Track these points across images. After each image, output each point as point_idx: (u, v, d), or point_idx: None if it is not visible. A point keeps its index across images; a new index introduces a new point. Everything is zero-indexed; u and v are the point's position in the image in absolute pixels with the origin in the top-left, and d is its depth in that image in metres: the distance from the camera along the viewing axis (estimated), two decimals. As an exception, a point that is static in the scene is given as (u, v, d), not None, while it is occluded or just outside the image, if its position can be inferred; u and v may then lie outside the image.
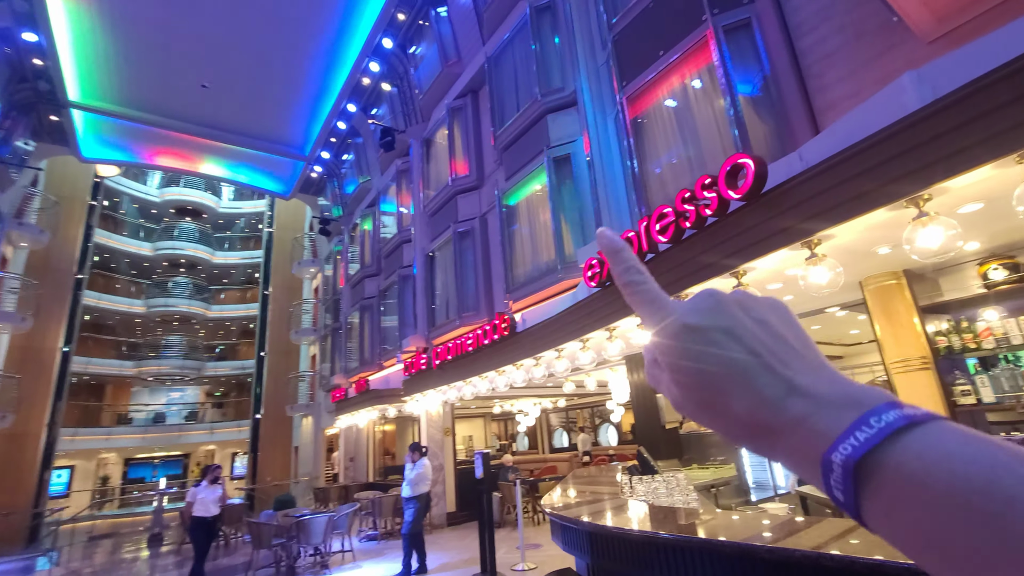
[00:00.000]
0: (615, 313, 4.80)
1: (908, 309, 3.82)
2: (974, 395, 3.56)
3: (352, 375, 14.99)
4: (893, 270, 3.93)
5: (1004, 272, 3.48)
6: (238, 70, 14.03)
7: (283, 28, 12.71)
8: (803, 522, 2.30)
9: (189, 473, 28.60)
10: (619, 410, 17.07)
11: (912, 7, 4.09)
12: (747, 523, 2.51)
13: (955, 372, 3.71)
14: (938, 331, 3.78)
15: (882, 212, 2.73)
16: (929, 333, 3.75)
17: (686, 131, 6.10)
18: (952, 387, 3.65)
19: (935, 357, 3.70)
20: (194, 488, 7.42)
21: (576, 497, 3.70)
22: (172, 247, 26.56)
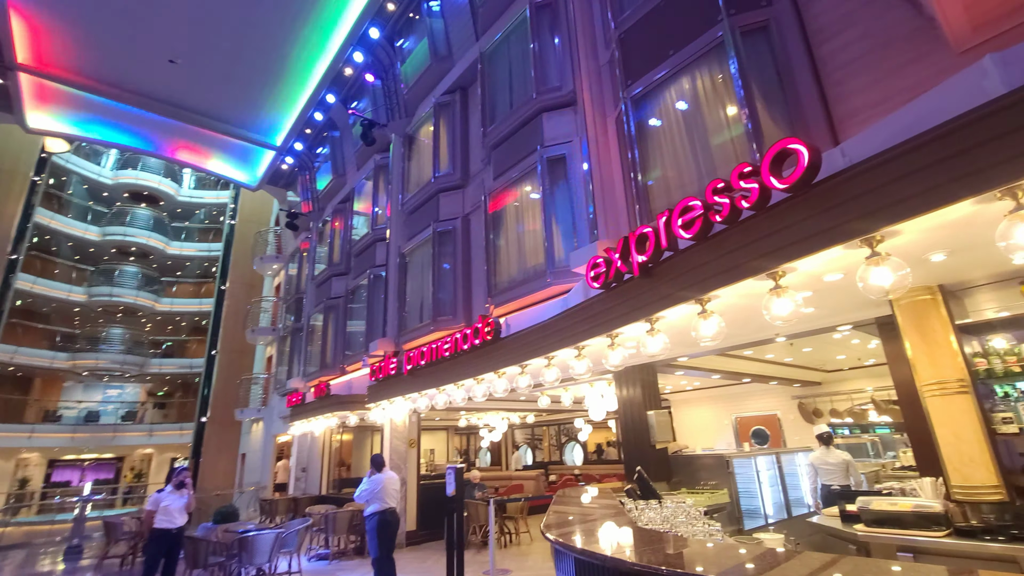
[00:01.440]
0: (620, 318, 4.36)
1: (944, 327, 3.53)
2: (1016, 423, 3.26)
3: (312, 379, 14.05)
4: (927, 284, 3.64)
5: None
6: (211, 48, 13.17)
7: (264, 7, 12.00)
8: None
9: (122, 478, 26.40)
10: (587, 429, 16.70)
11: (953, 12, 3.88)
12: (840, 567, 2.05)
13: (995, 398, 3.43)
14: (976, 352, 3.50)
15: (966, 205, 2.38)
16: (967, 354, 3.46)
17: (695, 135, 5.81)
18: (992, 414, 3.34)
19: (973, 380, 3.40)
20: (157, 494, 6.45)
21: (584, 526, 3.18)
22: (123, 233, 24.83)
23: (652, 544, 2.39)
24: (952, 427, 3.41)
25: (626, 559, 2.00)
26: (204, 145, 17.32)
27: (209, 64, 13.64)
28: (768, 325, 5.02)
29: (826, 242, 2.78)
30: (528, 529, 10.26)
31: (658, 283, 3.94)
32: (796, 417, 10.71)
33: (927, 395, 3.54)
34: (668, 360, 6.64)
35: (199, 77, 14.08)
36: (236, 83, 14.40)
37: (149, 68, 13.66)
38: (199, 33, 12.61)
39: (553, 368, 5.54)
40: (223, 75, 14.07)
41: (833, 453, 6.16)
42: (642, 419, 6.37)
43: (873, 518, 3.57)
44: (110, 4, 11.70)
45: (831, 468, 6.02)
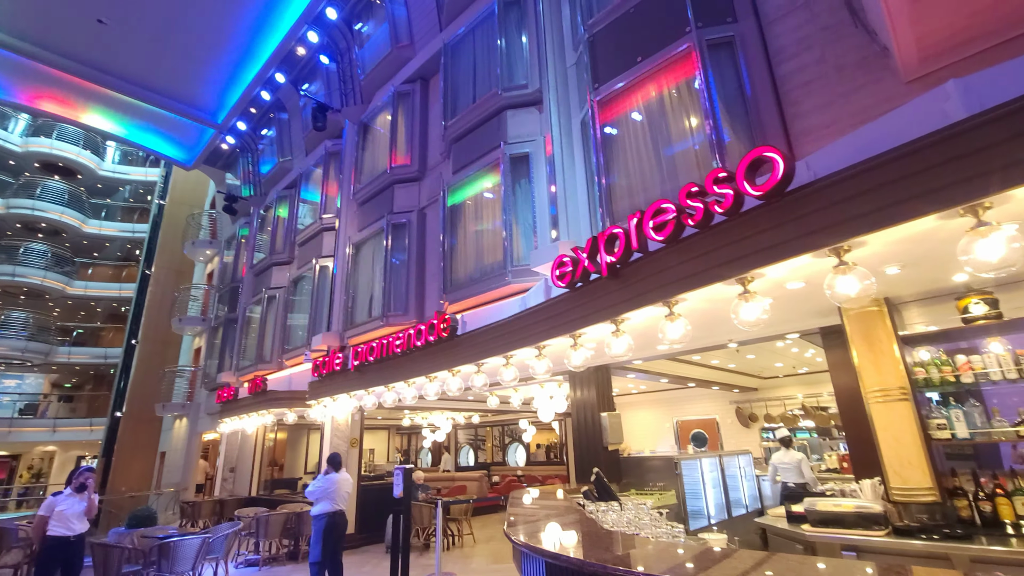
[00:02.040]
0: (585, 318, 4.33)
1: (888, 337, 3.74)
2: (948, 429, 3.49)
3: (245, 373, 13.21)
4: (875, 297, 3.84)
5: (984, 307, 3.48)
6: (145, 9, 12.09)
7: (210, -27, 11.18)
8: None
9: (16, 479, 23.78)
10: (531, 430, 16.77)
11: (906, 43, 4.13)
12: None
13: (931, 405, 3.66)
14: (916, 362, 3.73)
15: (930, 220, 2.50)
16: (908, 363, 3.68)
17: (659, 142, 5.91)
18: (928, 420, 3.57)
19: (913, 388, 3.61)
20: (53, 497, 5.63)
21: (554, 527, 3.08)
22: (31, 207, 22.43)
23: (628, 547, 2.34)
24: (893, 431, 3.61)
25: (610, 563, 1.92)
26: (134, 117, 15.91)
27: (145, 28, 12.53)
28: (726, 330, 5.19)
29: (797, 249, 2.85)
30: (472, 531, 10.11)
31: (626, 284, 3.94)
32: (733, 421, 11.21)
33: (871, 401, 3.73)
34: (623, 363, 6.72)
35: (132, 41, 12.89)
36: (175, 52, 13.32)
37: (74, 27, 12.37)
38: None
39: (511, 367, 5.45)
40: (161, 42, 12.96)
41: (790, 453, 6.69)
42: (595, 421, 6.40)
43: (819, 518, 3.72)
44: (29, -50, 10.50)
45: (788, 467, 6.53)
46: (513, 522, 3.09)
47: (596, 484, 4.21)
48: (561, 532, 2.73)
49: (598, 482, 4.19)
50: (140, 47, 13.19)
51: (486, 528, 11.49)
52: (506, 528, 2.92)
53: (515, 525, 3.01)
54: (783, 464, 6.67)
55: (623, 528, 2.87)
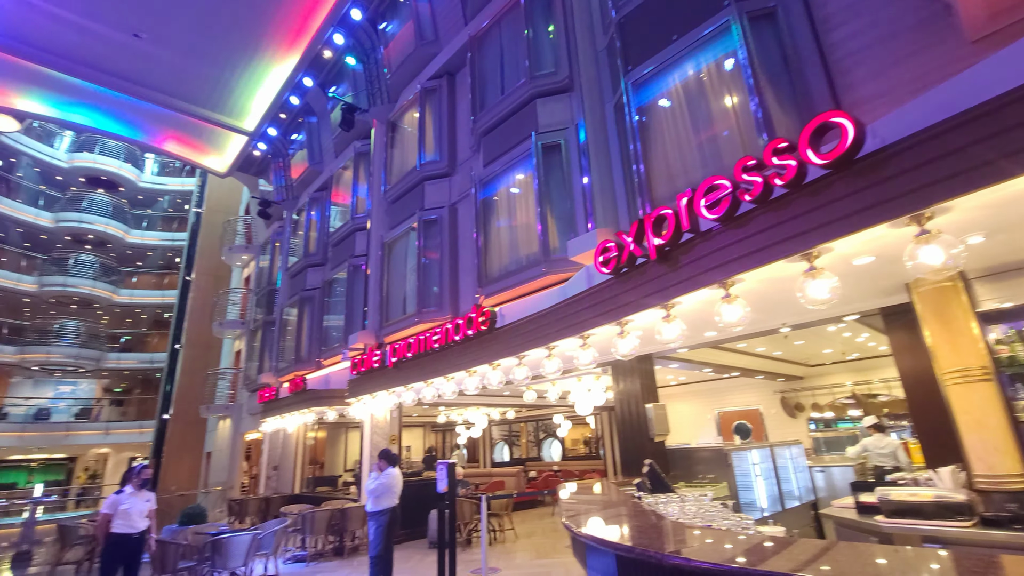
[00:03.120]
0: (632, 304, 4.19)
1: (965, 314, 3.48)
2: (1039, 412, 3.22)
3: (285, 373, 13.48)
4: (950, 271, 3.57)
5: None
6: (181, 22, 12.42)
7: (239, -19, 11.38)
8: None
9: (74, 479, 24.99)
10: (566, 424, 16.63)
11: None
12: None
13: (1017, 385, 3.39)
14: (999, 339, 3.46)
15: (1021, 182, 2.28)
16: (989, 341, 3.41)
17: (699, 122, 5.69)
18: (1015, 402, 3.30)
19: (996, 368, 3.35)
20: (115, 495, 5.73)
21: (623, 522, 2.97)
22: (78, 220, 23.41)
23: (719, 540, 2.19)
24: (975, 415, 3.36)
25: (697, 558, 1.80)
26: (171, 128, 16.42)
27: (178, 41, 12.88)
28: (781, 313, 4.95)
29: (873, 219, 2.65)
30: (513, 526, 10.06)
31: (676, 267, 3.78)
32: (778, 411, 10.84)
33: (948, 383, 3.48)
34: (667, 352, 6.54)
35: (167, 54, 13.27)
36: (207, 62, 13.66)
37: (111, 42, 12.80)
38: (168, 6, 11.87)
39: (554, 359, 5.34)
40: (193, 52, 13.30)
41: (885, 439, 6.65)
42: (639, 412, 6.23)
43: (893, 508, 3.50)
44: (69, -30, 10.89)
45: (884, 452, 6.49)
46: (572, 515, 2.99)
47: (649, 476, 4.07)
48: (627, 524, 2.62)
49: (651, 473, 4.04)
50: (173, 59, 13.56)
51: (526, 523, 11.44)
52: (566, 520, 2.83)
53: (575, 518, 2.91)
54: (879, 449, 6.63)
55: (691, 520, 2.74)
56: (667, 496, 3.54)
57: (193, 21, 12.33)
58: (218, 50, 13.28)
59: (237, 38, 12.95)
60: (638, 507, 3.13)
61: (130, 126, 16.21)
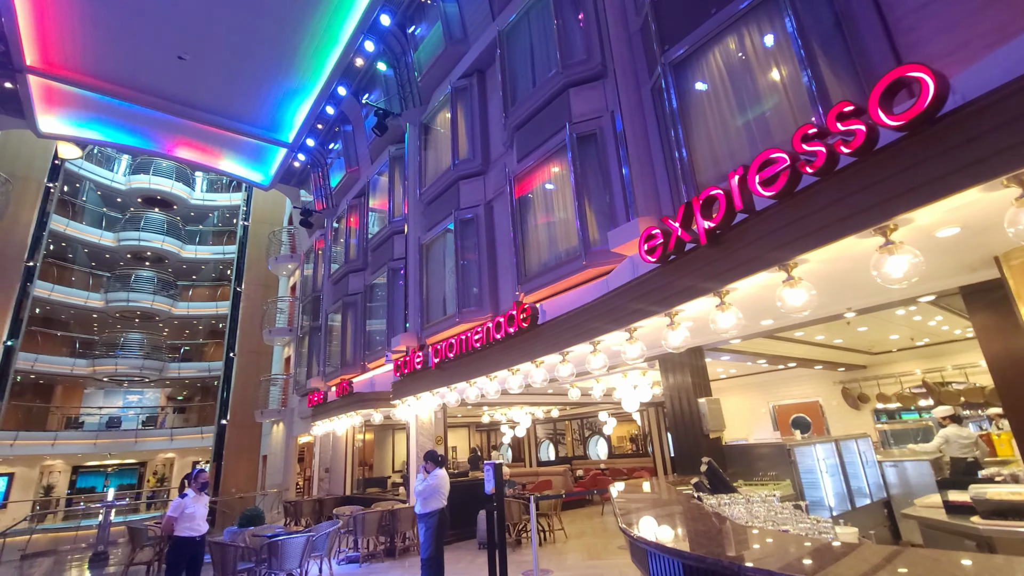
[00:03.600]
0: (682, 293, 3.95)
1: (1070, 289, 3.06)
2: None
3: (332, 378, 13.78)
4: (1047, 241, 3.17)
5: None
6: (220, 43, 12.89)
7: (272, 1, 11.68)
8: None
9: (144, 483, 26.50)
10: (611, 422, 16.31)
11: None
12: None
13: None
14: (1113, 316, 3.04)
15: None
16: (1101, 318, 3.00)
17: (744, 100, 5.35)
18: None
19: (1112, 348, 2.94)
20: (179, 499, 5.92)
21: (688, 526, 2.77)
22: (137, 239, 24.80)
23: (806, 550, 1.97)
24: (1087, 402, 2.96)
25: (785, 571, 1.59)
26: (215, 145, 17.11)
27: (218, 60, 13.38)
28: (848, 296, 4.57)
29: (962, 183, 2.34)
30: (563, 526, 9.88)
31: (730, 251, 3.52)
32: (840, 403, 10.21)
33: (1053, 367, 3.08)
34: (718, 344, 6.22)
35: (208, 73, 13.82)
36: (246, 78, 14.13)
37: (157, 66, 13.43)
38: (207, 28, 12.34)
39: (599, 354, 5.14)
40: (232, 71, 13.79)
41: (965, 430, 6.59)
42: (692, 407, 5.95)
43: (992, 508, 3.14)
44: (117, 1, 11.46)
45: (965, 443, 6.38)
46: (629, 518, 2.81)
47: (708, 475, 3.82)
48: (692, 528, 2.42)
49: (710, 472, 3.80)
50: (216, 79, 14.11)
51: (575, 523, 11.24)
52: (623, 524, 2.65)
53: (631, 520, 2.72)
54: (961, 439, 6.50)
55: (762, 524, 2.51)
56: (730, 497, 3.29)
57: (231, 41, 12.77)
58: (256, 67, 13.70)
59: (273, 54, 13.33)
60: (700, 510, 2.91)
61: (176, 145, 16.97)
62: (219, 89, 14.50)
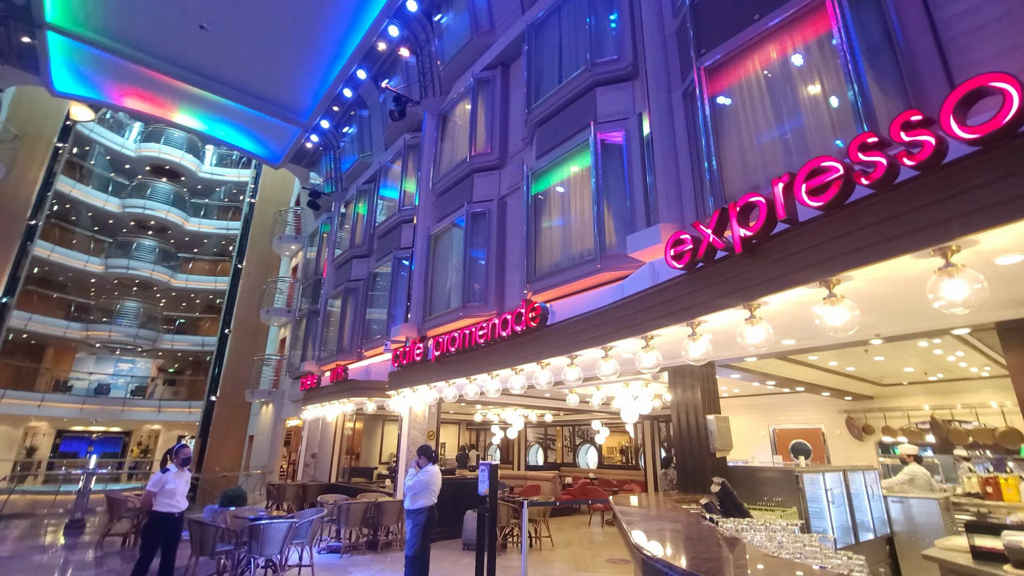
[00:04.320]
0: (707, 303, 3.76)
1: None
2: None
3: (327, 363, 13.58)
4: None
5: None
6: (243, 14, 12.71)
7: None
8: None
9: (128, 453, 26.26)
10: (604, 431, 16.10)
11: None
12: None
13: None
14: None
15: None
16: None
17: (784, 109, 5.16)
18: None
19: None
20: (160, 473, 5.69)
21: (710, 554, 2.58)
22: (142, 206, 24.61)
23: None
24: None
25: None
26: (229, 118, 16.92)
27: (239, 32, 13.20)
28: (885, 320, 4.36)
29: (1043, 205, 2.15)
30: (550, 534, 9.68)
31: (766, 262, 3.33)
32: (843, 432, 10.01)
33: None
34: (729, 360, 6.02)
35: (228, 45, 13.64)
36: (266, 53, 13.95)
37: (178, 33, 13.25)
38: None
39: (611, 360, 4.94)
40: (253, 44, 13.62)
41: (922, 470, 6.54)
42: (699, 424, 5.74)
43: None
44: (143, -38, 11.29)
45: (921, 484, 6.37)
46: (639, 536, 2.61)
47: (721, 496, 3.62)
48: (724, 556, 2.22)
49: (723, 494, 3.60)
50: (236, 51, 13.93)
51: (562, 531, 11.03)
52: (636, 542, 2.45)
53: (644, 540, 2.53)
54: (920, 480, 6.35)
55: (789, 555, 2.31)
56: (747, 522, 3.10)
57: (255, 14, 12.60)
58: (277, 43, 13.52)
59: (296, 31, 13.15)
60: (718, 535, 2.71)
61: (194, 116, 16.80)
62: (238, 62, 14.33)
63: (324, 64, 14.39)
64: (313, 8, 12.56)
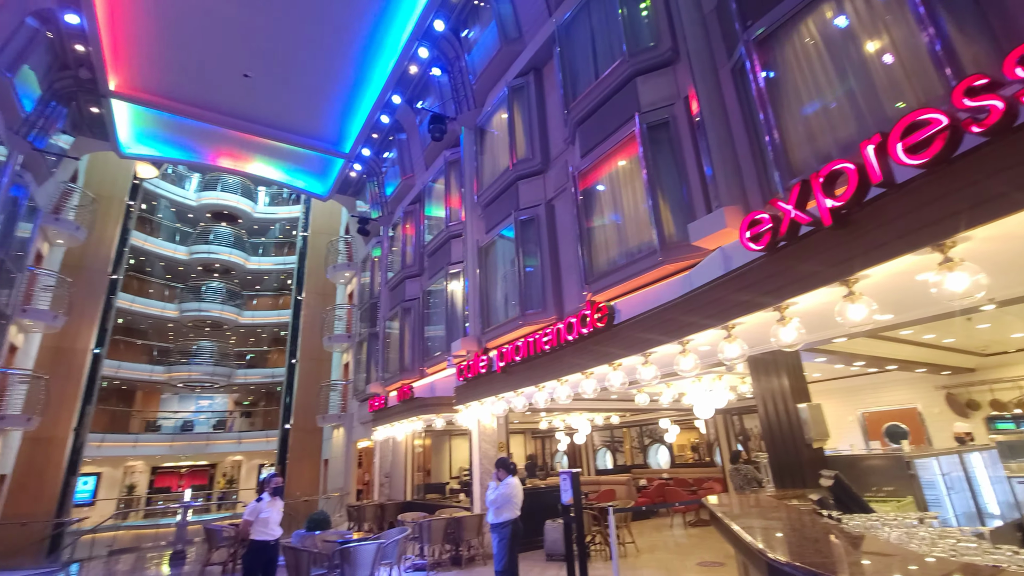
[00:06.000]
0: (795, 284, 3.51)
1: None
2: None
3: (391, 383, 13.86)
4: None
5: None
6: (280, 59, 13.33)
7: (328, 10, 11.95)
8: None
9: (215, 484, 27.79)
10: (674, 429, 15.56)
11: None
12: None
13: None
14: None
15: None
16: None
17: (848, 67, 4.82)
18: None
19: None
20: (255, 503, 6.01)
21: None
22: (207, 251, 26.20)
23: None
24: None
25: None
26: (277, 159, 17.77)
27: (278, 75, 13.83)
28: (1006, 281, 3.93)
29: None
30: (633, 539, 9.38)
31: (860, 233, 3.07)
32: (942, 410, 9.20)
33: None
34: (814, 344, 5.64)
35: (269, 90, 14.32)
36: (305, 93, 14.56)
37: (224, 85, 14.04)
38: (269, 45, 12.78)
39: (689, 355, 4.72)
40: (292, 85, 14.24)
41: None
42: (789, 413, 5.40)
43: None
44: (187, 25, 12.05)
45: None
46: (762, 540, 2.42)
47: (835, 490, 3.34)
48: (879, 564, 2.01)
49: (838, 487, 3.31)
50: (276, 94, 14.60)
51: (644, 536, 10.68)
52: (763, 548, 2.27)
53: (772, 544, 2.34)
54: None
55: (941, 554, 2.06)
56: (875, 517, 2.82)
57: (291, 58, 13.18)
58: (314, 81, 14.09)
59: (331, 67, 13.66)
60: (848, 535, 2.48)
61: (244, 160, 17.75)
62: (279, 104, 15.01)
63: (360, 95, 14.85)
64: (345, 43, 13.00)
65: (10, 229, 12.07)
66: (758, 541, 2.40)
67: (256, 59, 13.24)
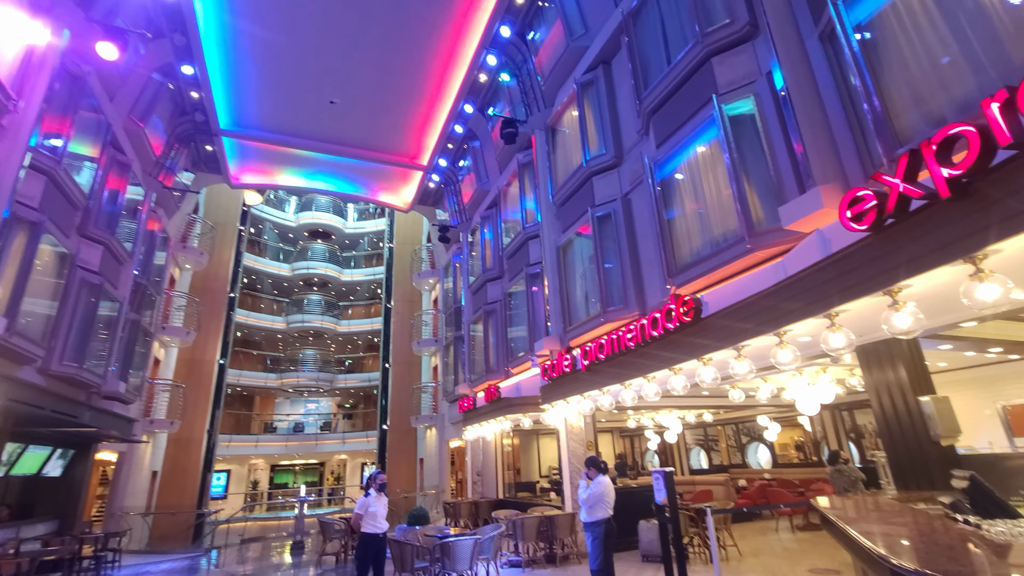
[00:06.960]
0: (908, 264, 3.18)
1: None
2: None
3: (477, 384, 14.26)
4: None
5: None
6: (362, 83, 14.22)
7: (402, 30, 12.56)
8: None
9: (324, 481, 30.13)
10: (774, 427, 14.54)
11: None
12: None
13: None
14: None
15: None
16: None
17: (960, 18, 4.28)
18: None
19: None
20: (364, 498, 6.47)
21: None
22: (306, 267, 28.54)
23: None
24: None
25: None
26: (364, 176, 18.96)
27: (360, 98, 14.76)
28: None
29: None
30: (735, 543, 8.92)
31: (986, 203, 2.73)
32: (1112, 402, 7.82)
33: None
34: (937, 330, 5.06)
35: (353, 113, 15.32)
36: (384, 112, 15.41)
37: (313, 112, 15.24)
38: (350, 69, 13.67)
39: (786, 348, 4.43)
40: (373, 106, 15.13)
41: None
42: (908, 407, 4.88)
43: None
44: (279, 61, 13.23)
45: None
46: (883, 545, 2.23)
47: (971, 492, 2.97)
48: None
49: (975, 489, 2.94)
50: (359, 116, 15.59)
51: (746, 539, 10.10)
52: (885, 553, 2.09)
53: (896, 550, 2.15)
54: None
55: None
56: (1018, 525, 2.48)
57: (371, 79, 14.01)
58: (392, 100, 14.87)
59: (407, 85, 14.34)
60: (1012, 547, 2.21)
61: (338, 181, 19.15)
62: (362, 125, 16.00)
63: (434, 108, 15.45)
64: (418, 61, 13.59)
65: (149, 259, 13.92)
66: (879, 546, 2.22)
67: (340, 86, 14.23)
